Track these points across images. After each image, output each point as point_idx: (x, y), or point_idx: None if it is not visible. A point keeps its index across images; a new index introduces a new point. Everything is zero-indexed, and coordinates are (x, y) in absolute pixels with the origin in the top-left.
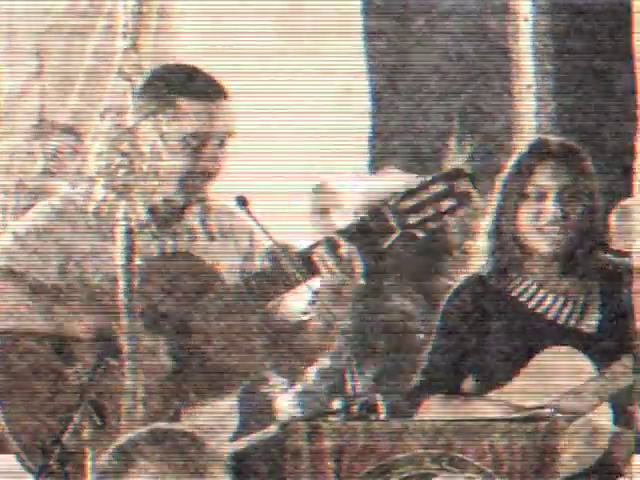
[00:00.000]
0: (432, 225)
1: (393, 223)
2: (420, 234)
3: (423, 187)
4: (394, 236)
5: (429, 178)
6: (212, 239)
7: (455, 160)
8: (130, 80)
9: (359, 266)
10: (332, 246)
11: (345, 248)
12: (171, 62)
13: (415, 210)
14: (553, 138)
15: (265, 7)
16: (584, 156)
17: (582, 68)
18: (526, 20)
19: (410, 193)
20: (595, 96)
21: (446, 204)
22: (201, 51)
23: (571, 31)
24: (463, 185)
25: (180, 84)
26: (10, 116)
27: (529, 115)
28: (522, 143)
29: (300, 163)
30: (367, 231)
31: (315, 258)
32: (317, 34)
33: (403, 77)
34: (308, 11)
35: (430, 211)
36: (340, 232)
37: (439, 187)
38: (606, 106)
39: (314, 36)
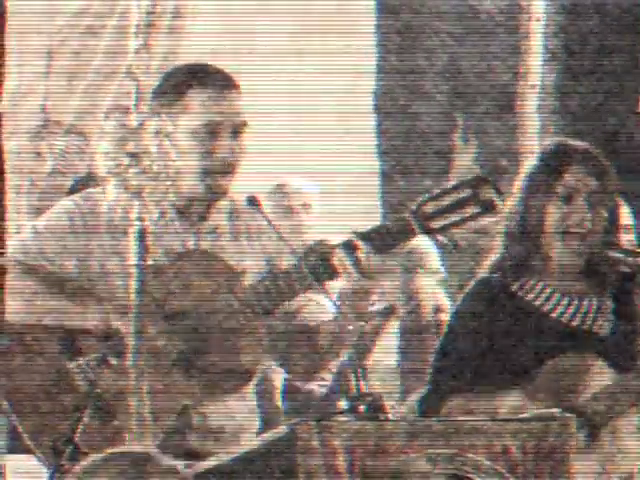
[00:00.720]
0: (455, 231)
1: (415, 227)
2: (443, 239)
3: (446, 193)
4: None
5: (452, 184)
6: (236, 239)
7: (460, 160)
8: (137, 80)
9: (377, 269)
10: (350, 248)
11: (363, 251)
12: (179, 62)
13: (438, 215)
14: (574, 141)
15: (271, 7)
16: (603, 159)
17: (591, 68)
18: (538, 20)
19: (433, 198)
20: (602, 96)
21: (470, 211)
22: (207, 51)
23: (582, 31)
24: (487, 192)
25: (190, 78)
26: (18, 116)
27: (533, 115)
28: (528, 143)
29: (301, 163)
30: (387, 234)
31: (334, 260)
32: (325, 34)
33: (410, 77)
34: (317, 11)
35: (454, 217)
36: (359, 235)
37: (463, 193)
38: (612, 105)
39: (322, 36)
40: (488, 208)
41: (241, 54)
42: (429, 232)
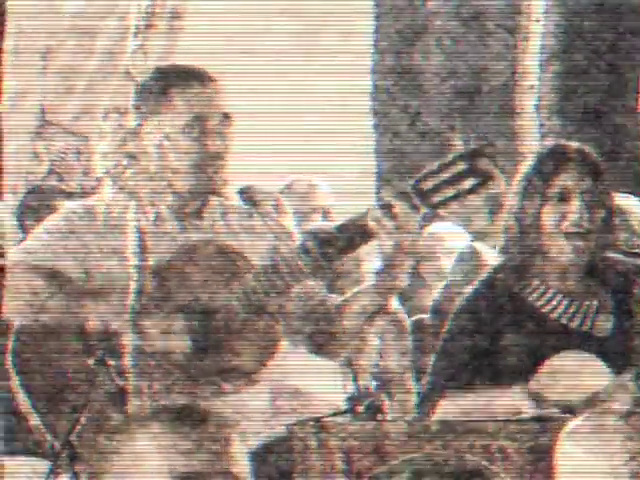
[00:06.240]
0: (455, 204)
1: (418, 203)
2: (444, 213)
3: (442, 168)
4: (419, 215)
5: (448, 159)
6: (236, 236)
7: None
8: (135, 80)
9: (415, 224)
10: (386, 207)
11: (400, 207)
12: (176, 62)
13: (436, 190)
14: (570, 143)
15: (269, 7)
16: (598, 160)
17: (588, 67)
18: (538, 21)
19: (430, 174)
20: (600, 96)
21: (468, 183)
22: (204, 51)
23: (580, 31)
24: (484, 163)
25: (169, 79)
26: (16, 116)
27: (532, 115)
28: (528, 144)
29: (301, 163)
30: (392, 211)
31: (370, 222)
32: (322, 34)
33: (407, 77)
34: (314, 11)
35: (452, 190)
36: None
37: (459, 167)
38: (610, 105)
39: (319, 36)
40: (486, 179)
41: (237, 54)
42: (431, 207)
